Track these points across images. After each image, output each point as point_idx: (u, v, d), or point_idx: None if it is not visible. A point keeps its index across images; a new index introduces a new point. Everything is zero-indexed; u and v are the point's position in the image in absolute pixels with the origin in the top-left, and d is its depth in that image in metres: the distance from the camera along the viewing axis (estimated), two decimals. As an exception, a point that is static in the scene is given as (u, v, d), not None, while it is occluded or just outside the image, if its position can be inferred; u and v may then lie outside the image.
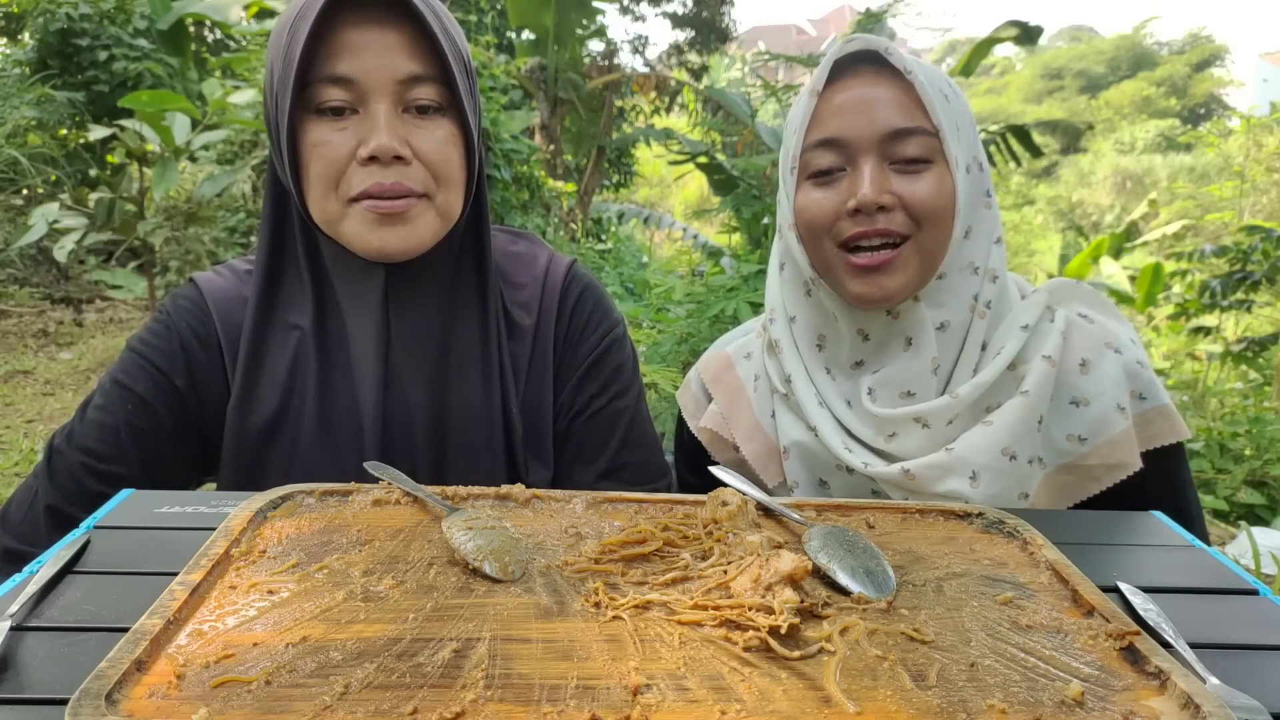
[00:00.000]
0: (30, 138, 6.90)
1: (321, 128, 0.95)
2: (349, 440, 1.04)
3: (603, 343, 1.15)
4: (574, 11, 9.22)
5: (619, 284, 7.41)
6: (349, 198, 0.96)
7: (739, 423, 1.18)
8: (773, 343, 1.15)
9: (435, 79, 0.96)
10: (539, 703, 0.54)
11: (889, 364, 1.06)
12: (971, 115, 1.06)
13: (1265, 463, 3.87)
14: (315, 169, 0.96)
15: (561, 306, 1.15)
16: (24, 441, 4.17)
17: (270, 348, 1.04)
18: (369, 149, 0.94)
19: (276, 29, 0.97)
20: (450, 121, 0.99)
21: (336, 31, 0.93)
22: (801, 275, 1.10)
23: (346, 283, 1.04)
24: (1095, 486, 1.03)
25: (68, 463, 1.00)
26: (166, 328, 1.05)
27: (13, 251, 6.29)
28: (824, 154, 1.02)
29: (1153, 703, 0.56)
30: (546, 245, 1.21)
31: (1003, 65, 39.09)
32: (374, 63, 0.94)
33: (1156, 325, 7.77)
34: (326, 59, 0.93)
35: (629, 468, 1.14)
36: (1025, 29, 6.47)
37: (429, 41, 0.95)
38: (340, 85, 0.94)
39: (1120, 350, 1.05)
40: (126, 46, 7.56)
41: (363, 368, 1.03)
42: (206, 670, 0.56)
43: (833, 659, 0.60)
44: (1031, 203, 19.25)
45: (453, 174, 1.00)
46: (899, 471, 1.01)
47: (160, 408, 1.02)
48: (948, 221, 1.01)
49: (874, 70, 1.02)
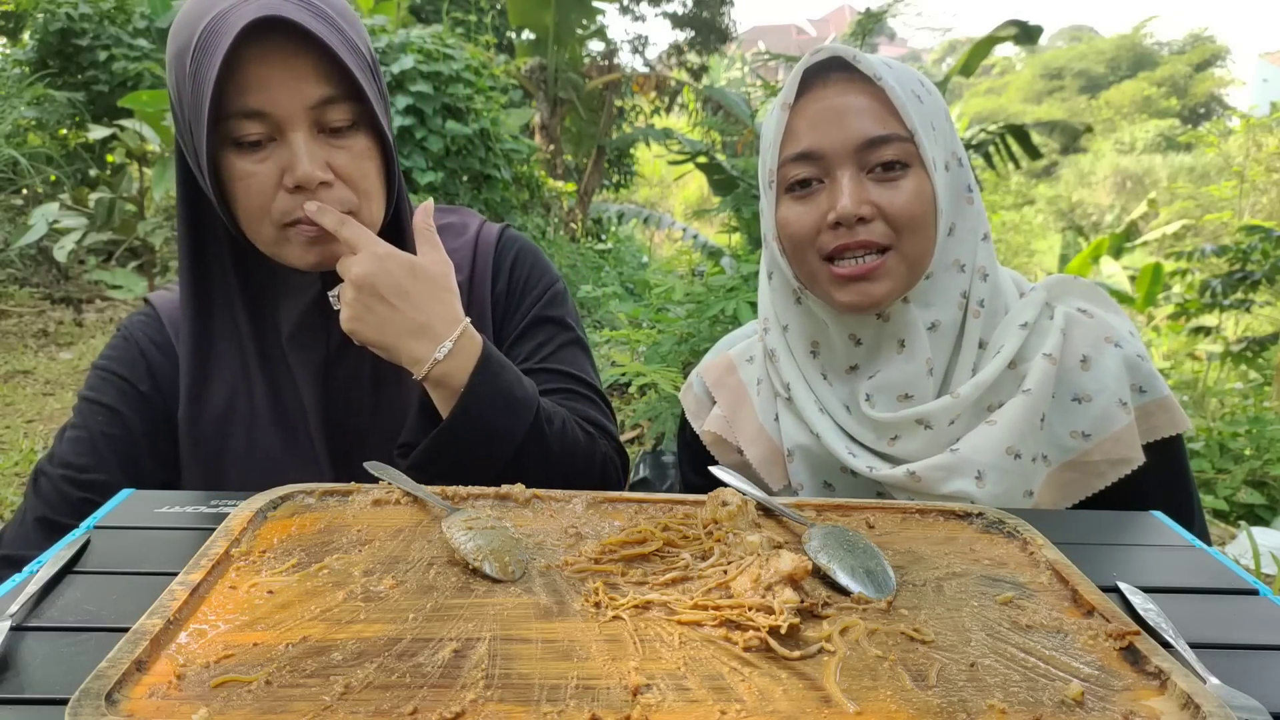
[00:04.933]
0: (30, 138, 6.90)
1: (243, 161, 0.95)
2: (298, 436, 1.07)
3: (545, 295, 1.19)
4: (574, 11, 9.22)
5: (619, 284, 7.41)
6: (282, 224, 0.98)
7: (743, 426, 1.18)
8: (769, 352, 1.15)
9: (346, 96, 0.96)
10: (539, 703, 0.54)
11: (883, 367, 1.06)
12: (947, 111, 1.05)
13: (1265, 463, 3.87)
14: (243, 201, 0.97)
15: (498, 265, 1.19)
16: (24, 441, 4.17)
17: (213, 349, 1.07)
18: (294, 179, 0.95)
19: (175, 50, 0.95)
20: (365, 135, 0.99)
21: (243, 64, 0.92)
22: (789, 284, 1.10)
23: (283, 286, 1.06)
24: (1100, 482, 1.03)
25: (51, 480, 1.03)
26: (125, 340, 1.10)
27: (13, 251, 6.29)
28: (800, 167, 1.02)
29: (1153, 703, 0.56)
30: (477, 215, 1.25)
31: (1003, 65, 39.09)
32: (284, 93, 0.93)
33: (1156, 325, 7.76)
34: (237, 94, 0.93)
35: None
36: (1025, 28, 6.47)
37: (334, 61, 0.94)
38: (254, 119, 0.94)
39: (1120, 345, 1.05)
40: (126, 46, 7.55)
41: (304, 356, 1.06)
42: (206, 670, 0.56)
43: (833, 659, 0.60)
44: (1031, 203, 19.24)
45: (372, 186, 1.01)
46: (904, 474, 1.01)
47: (129, 413, 1.06)
48: (929, 226, 1.01)
49: (844, 78, 1.02)
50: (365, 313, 0.96)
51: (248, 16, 0.89)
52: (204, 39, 0.91)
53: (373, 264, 0.96)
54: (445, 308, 1.00)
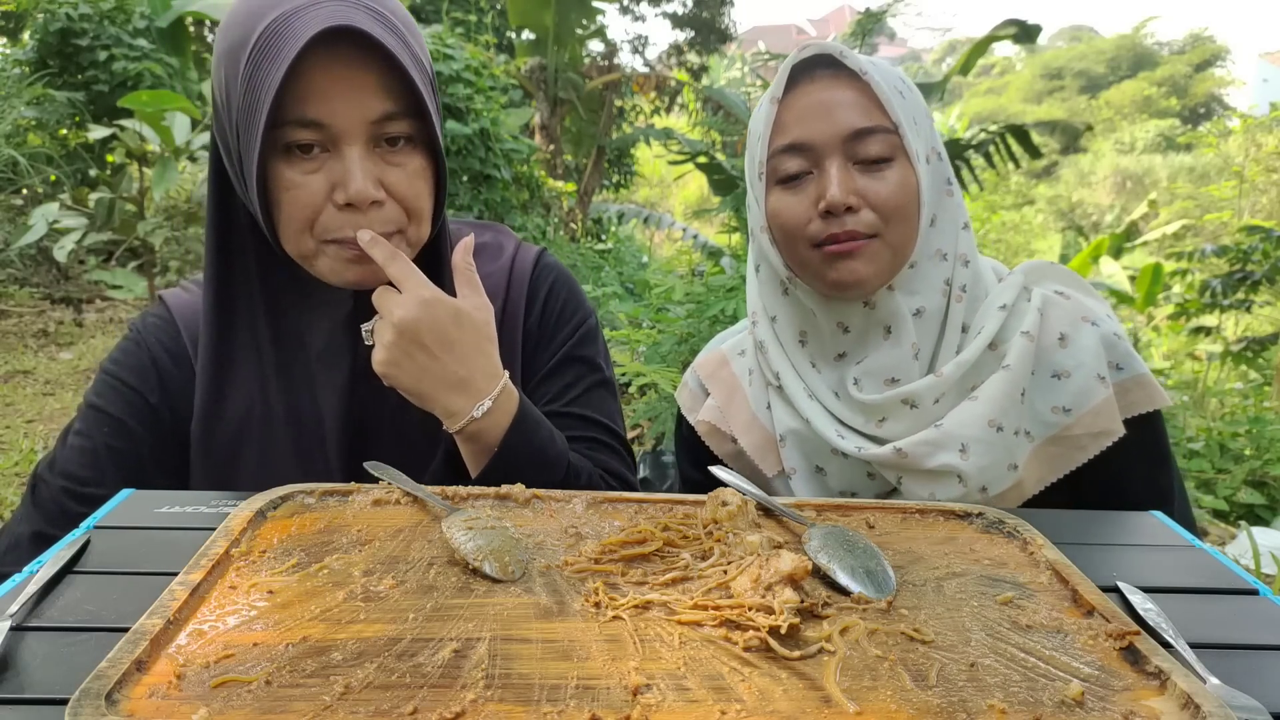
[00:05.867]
0: (30, 138, 6.89)
1: (292, 170, 0.91)
2: (313, 454, 1.03)
3: (576, 334, 1.16)
4: (574, 11, 9.22)
5: (619, 284, 7.41)
6: (324, 240, 0.94)
7: (736, 415, 1.21)
8: (759, 344, 1.18)
9: (408, 113, 0.93)
10: (539, 703, 0.54)
11: (871, 353, 1.09)
12: (927, 109, 1.10)
13: (1265, 463, 3.86)
14: (288, 211, 0.93)
15: (532, 295, 1.15)
16: (24, 441, 4.17)
17: (233, 359, 1.03)
18: (347, 196, 0.91)
19: (228, 49, 0.90)
20: (420, 153, 0.96)
21: (305, 71, 0.87)
22: (777, 275, 1.13)
23: (313, 301, 1.03)
24: (1082, 455, 1.07)
25: (50, 489, 1.00)
26: (137, 345, 1.06)
27: (13, 251, 6.28)
28: (790, 159, 1.06)
29: (1153, 703, 0.56)
30: (513, 235, 1.20)
31: (1003, 65, 39.10)
32: (345, 105, 0.89)
33: (1156, 325, 7.76)
34: (295, 101, 0.88)
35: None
36: (1024, 27, 6.46)
37: (400, 75, 0.91)
38: (310, 128, 0.90)
39: (1097, 323, 1.09)
40: (126, 46, 7.54)
41: (331, 376, 1.03)
42: (206, 670, 0.56)
43: (833, 659, 0.60)
44: (1031, 203, 19.23)
45: (423, 207, 0.98)
46: (891, 451, 1.04)
47: (136, 425, 1.02)
48: (913, 215, 1.05)
49: (831, 74, 1.05)
50: (404, 359, 0.92)
51: (319, 24, 0.85)
52: (265, 40, 0.86)
53: (418, 310, 0.91)
54: (487, 361, 0.97)
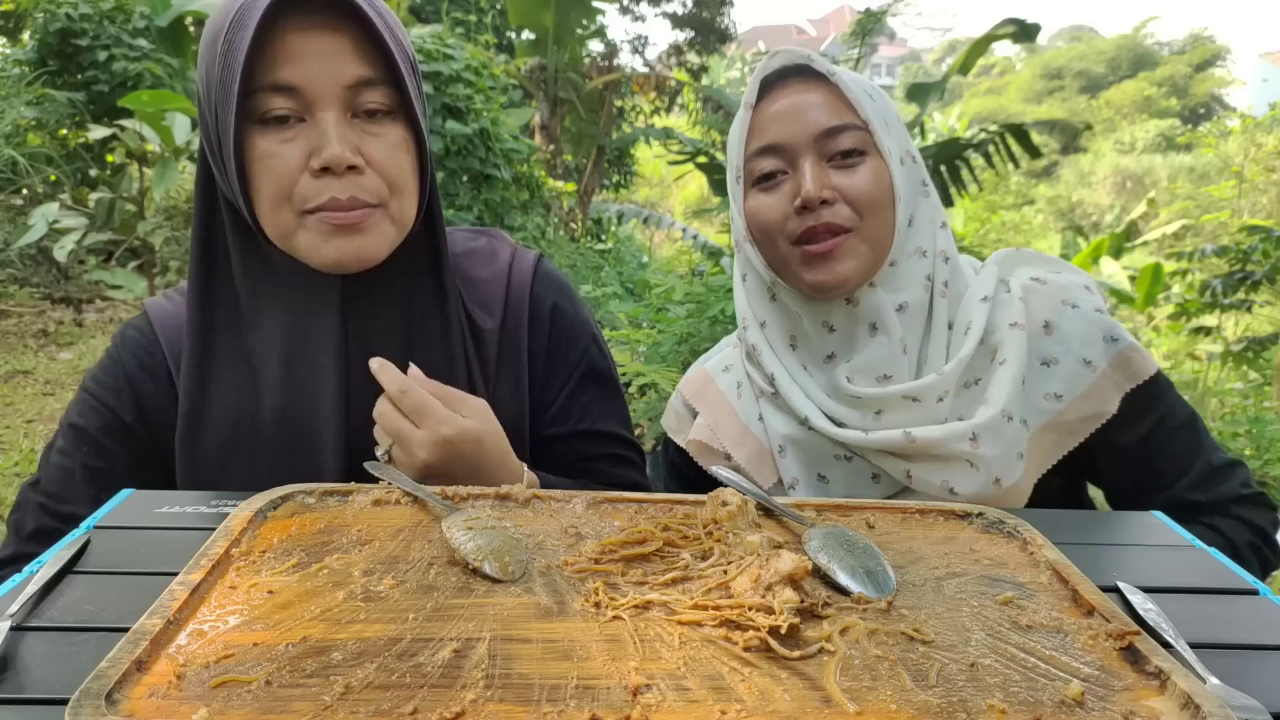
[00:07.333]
0: (30, 138, 6.89)
1: (267, 139, 0.90)
2: (307, 452, 1.01)
3: (586, 352, 1.16)
4: (574, 11, 9.21)
5: (619, 284, 7.40)
6: (303, 210, 0.92)
7: (726, 430, 1.21)
8: (751, 349, 1.18)
9: (384, 82, 0.92)
10: (539, 703, 0.54)
11: (859, 351, 1.11)
12: (899, 114, 1.14)
13: (1265, 463, 3.86)
14: (265, 183, 0.91)
15: (535, 311, 1.12)
16: (24, 441, 4.17)
17: (216, 365, 1.01)
18: (321, 160, 0.90)
19: (208, 36, 0.91)
20: (401, 125, 0.95)
21: (277, 37, 0.87)
22: (763, 281, 1.15)
23: (299, 293, 1.00)
24: (1073, 440, 1.09)
25: (31, 507, 1.00)
26: (114, 362, 1.05)
27: (13, 251, 6.29)
28: (766, 160, 1.09)
29: (1153, 703, 0.56)
30: (508, 239, 1.18)
31: (1003, 65, 39.11)
32: (319, 68, 0.89)
33: (1156, 325, 7.76)
34: (268, 67, 0.88)
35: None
36: (1023, 26, 6.45)
37: (376, 43, 0.90)
38: (284, 94, 0.89)
39: (1078, 304, 1.11)
40: (126, 46, 7.54)
41: (321, 378, 1.00)
42: (206, 670, 0.56)
43: (833, 659, 0.60)
44: (1031, 203, 19.23)
45: (406, 180, 0.96)
46: (901, 435, 1.05)
47: (113, 445, 1.02)
48: (888, 209, 1.07)
49: (801, 80, 1.10)
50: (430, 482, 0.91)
51: None
52: (239, 16, 0.87)
53: (441, 451, 0.92)
54: (508, 469, 0.97)
